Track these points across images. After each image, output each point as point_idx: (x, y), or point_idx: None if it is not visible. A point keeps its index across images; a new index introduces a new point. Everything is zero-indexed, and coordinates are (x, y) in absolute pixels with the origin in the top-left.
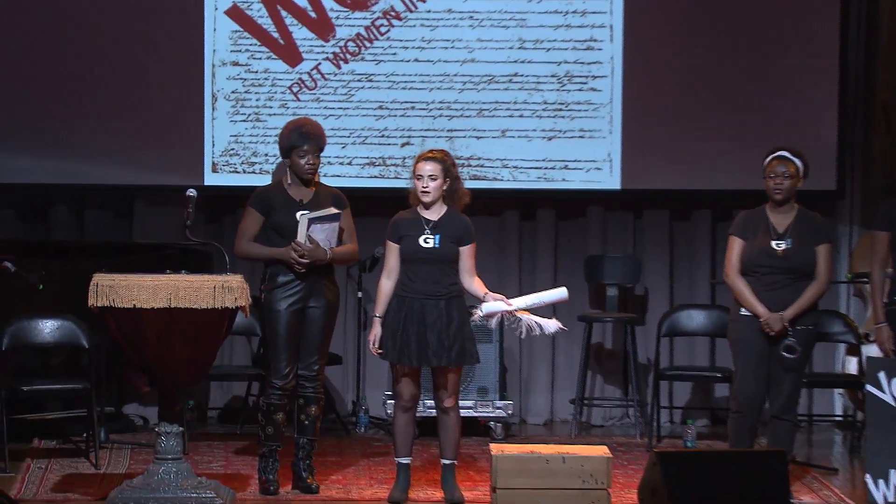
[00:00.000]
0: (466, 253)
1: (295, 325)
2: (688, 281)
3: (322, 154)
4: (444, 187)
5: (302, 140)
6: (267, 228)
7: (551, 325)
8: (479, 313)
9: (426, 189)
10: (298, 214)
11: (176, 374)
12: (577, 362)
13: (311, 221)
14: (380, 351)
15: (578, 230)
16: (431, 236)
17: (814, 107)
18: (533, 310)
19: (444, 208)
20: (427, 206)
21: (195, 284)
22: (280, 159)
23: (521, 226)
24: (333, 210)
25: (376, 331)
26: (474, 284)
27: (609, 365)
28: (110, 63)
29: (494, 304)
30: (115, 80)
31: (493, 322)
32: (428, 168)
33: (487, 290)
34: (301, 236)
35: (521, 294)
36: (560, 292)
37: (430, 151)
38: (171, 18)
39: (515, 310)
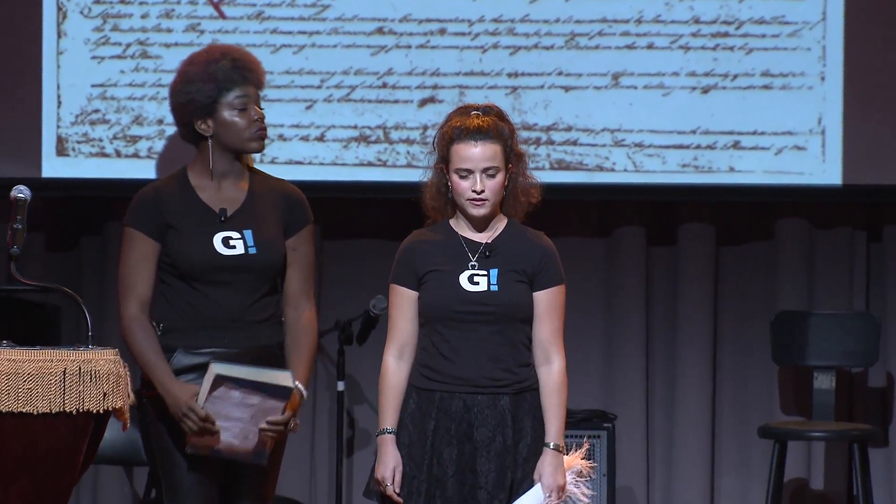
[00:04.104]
0: (546, 303)
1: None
2: None
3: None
4: (506, 182)
5: (241, 77)
6: (160, 262)
7: None
8: None
9: (480, 197)
10: (214, 366)
11: None
12: None
13: (223, 381)
14: (399, 500)
15: (759, 264)
16: (482, 271)
17: None
18: None
19: (504, 220)
20: (475, 222)
21: (28, 368)
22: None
23: (651, 255)
24: (281, 379)
25: (393, 459)
26: (552, 378)
27: None
28: None
29: None
30: None
31: None
32: (479, 152)
33: (558, 441)
34: (201, 395)
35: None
36: None
37: (474, 116)
38: None
39: None
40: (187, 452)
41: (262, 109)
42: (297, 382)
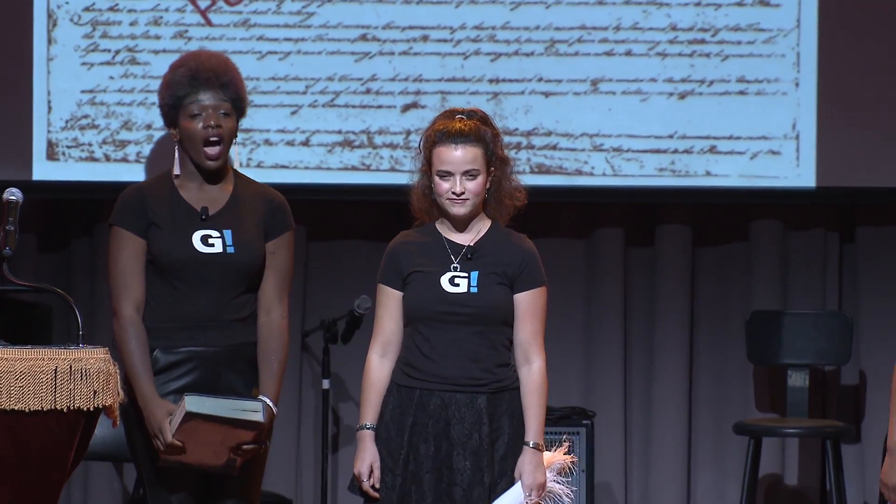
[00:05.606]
0: (527, 305)
1: None
2: None
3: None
4: (489, 185)
5: (192, 83)
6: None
7: None
8: None
9: (461, 197)
10: (187, 401)
11: None
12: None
13: (193, 417)
14: (376, 494)
15: (734, 264)
16: (463, 274)
17: None
18: None
19: (487, 222)
20: (457, 222)
21: (19, 366)
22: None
23: (629, 256)
24: (252, 414)
25: (371, 454)
26: (531, 378)
27: None
28: None
29: None
30: None
31: None
32: (460, 155)
33: (538, 440)
34: (173, 423)
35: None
36: None
37: (457, 119)
38: None
39: None
40: (159, 466)
41: (229, 120)
42: (267, 400)
